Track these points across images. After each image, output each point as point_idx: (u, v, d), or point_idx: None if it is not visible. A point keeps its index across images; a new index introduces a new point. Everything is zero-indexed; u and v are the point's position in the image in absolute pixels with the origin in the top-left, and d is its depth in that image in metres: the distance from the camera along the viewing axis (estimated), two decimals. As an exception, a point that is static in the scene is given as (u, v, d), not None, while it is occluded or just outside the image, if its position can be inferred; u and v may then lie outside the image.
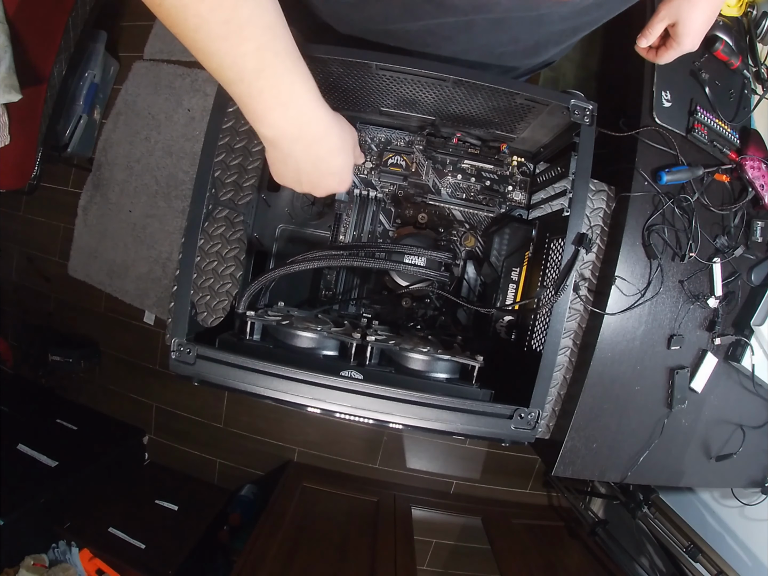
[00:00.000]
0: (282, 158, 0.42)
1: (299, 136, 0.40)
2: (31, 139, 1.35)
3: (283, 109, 0.37)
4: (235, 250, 0.68)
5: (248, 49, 0.33)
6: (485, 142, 0.69)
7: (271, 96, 0.36)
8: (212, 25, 0.32)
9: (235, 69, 0.34)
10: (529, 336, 0.57)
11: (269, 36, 0.34)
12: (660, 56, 0.56)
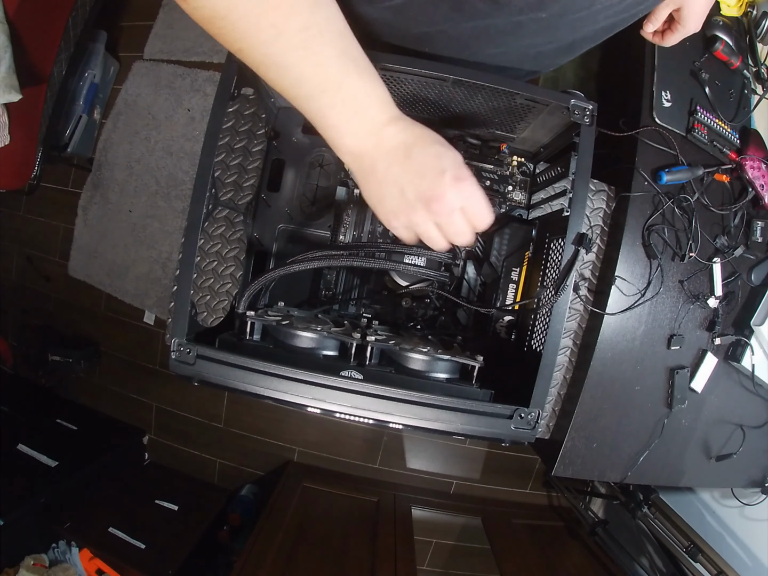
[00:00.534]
0: (372, 171, 0.37)
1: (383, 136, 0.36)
2: (31, 139, 1.35)
3: (365, 113, 0.35)
4: (235, 250, 0.68)
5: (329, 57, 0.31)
6: (485, 142, 0.69)
7: (356, 102, 0.34)
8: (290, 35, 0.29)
9: (315, 80, 0.32)
10: (529, 336, 0.57)
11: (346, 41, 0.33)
12: (666, 39, 0.57)
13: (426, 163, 0.36)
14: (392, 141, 0.36)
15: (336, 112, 0.34)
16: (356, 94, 0.34)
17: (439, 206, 0.37)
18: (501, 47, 0.50)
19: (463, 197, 0.37)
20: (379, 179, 0.37)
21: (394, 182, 0.37)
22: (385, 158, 0.36)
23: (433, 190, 0.36)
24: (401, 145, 0.36)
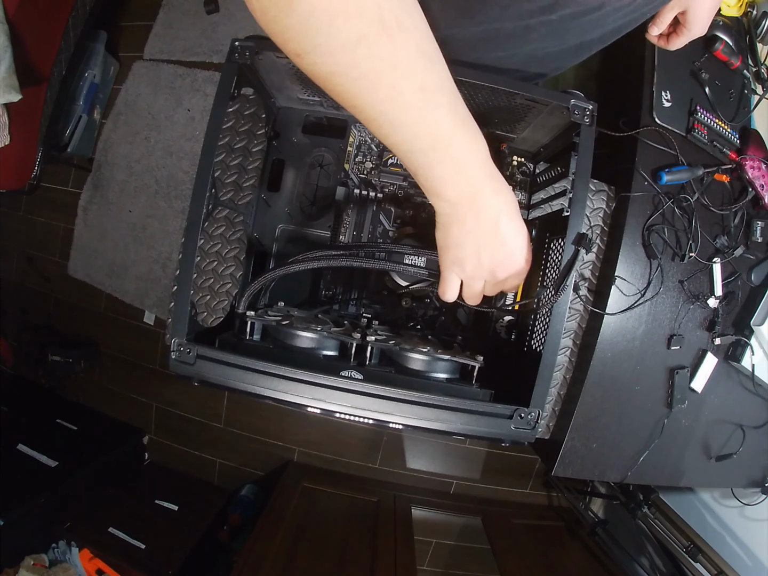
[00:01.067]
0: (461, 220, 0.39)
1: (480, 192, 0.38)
2: (31, 139, 1.35)
3: (469, 169, 0.37)
4: (235, 250, 0.68)
5: (442, 115, 0.32)
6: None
7: (463, 158, 0.36)
8: (408, 95, 0.30)
9: (428, 139, 0.33)
10: (529, 336, 0.57)
11: (456, 98, 0.33)
12: (671, 43, 0.57)
13: (508, 237, 0.40)
14: (487, 202, 0.38)
15: (443, 167, 0.36)
16: (464, 151, 0.35)
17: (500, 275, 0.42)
18: (509, 50, 0.50)
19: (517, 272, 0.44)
20: (465, 231, 0.40)
21: (476, 240, 0.40)
22: (477, 216, 0.39)
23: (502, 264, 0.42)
24: (494, 210, 0.39)
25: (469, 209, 0.39)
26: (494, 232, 0.40)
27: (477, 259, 0.41)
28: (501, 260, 0.41)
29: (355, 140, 0.70)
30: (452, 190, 0.37)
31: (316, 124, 0.72)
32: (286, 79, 0.59)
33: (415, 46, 0.29)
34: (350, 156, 0.70)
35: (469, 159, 0.36)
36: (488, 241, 0.40)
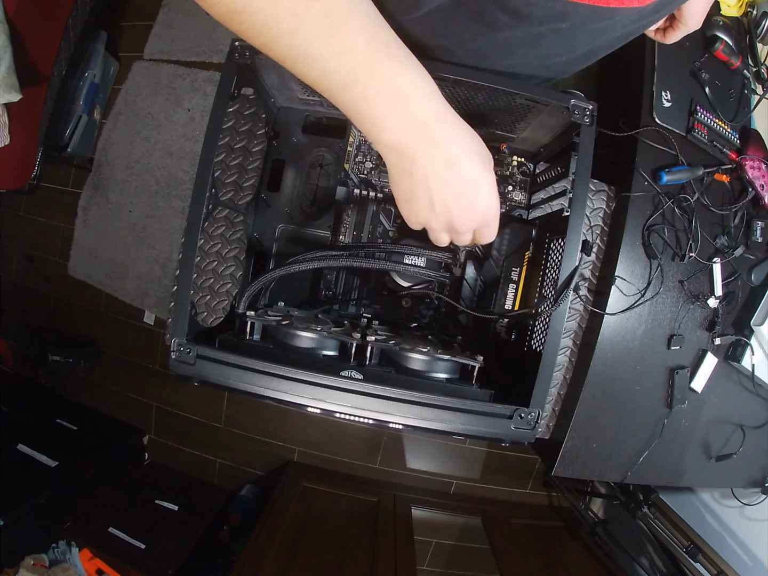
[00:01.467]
0: (408, 171, 0.35)
1: (425, 135, 0.33)
2: (31, 139, 1.35)
3: (404, 106, 0.32)
4: (235, 250, 0.68)
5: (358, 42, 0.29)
6: (485, 142, 0.69)
7: (391, 94, 0.31)
8: (312, 23, 0.27)
9: (344, 71, 0.30)
10: (529, 336, 0.57)
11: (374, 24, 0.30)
12: (668, 37, 0.58)
13: (464, 187, 0.35)
14: (436, 147, 0.34)
15: (370, 104, 0.31)
16: (391, 83, 0.31)
17: (459, 228, 0.38)
18: (518, 58, 0.49)
19: (483, 224, 0.39)
20: (415, 183, 0.36)
21: (427, 191, 0.36)
22: (425, 165, 0.34)
23: (461, 216, 0.37)
24: (444, 155, 0.34)
25: (415, 158, 0.34)
26: (446, 185, 0.35)
27: (432, 213, 0.37)
28: (459, 214, 0.37)
29: (355, 140, 0.70)
30: (389, 134, 0.33)
31: (316, 124, 0.72)
32: (286, 79, 0.59)
33: None
34: (350, 156, 0.70)
35: (402, 94, 0.31)
36: (440, 195, 0.35)
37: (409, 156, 0.34)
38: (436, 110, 0.33)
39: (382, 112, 0.32)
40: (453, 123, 0.34)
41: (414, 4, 0.41)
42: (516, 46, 0.47)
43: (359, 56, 0.29)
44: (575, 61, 0.52)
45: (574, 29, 0.43)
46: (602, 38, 0.47)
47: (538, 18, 0.41)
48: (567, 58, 0.50)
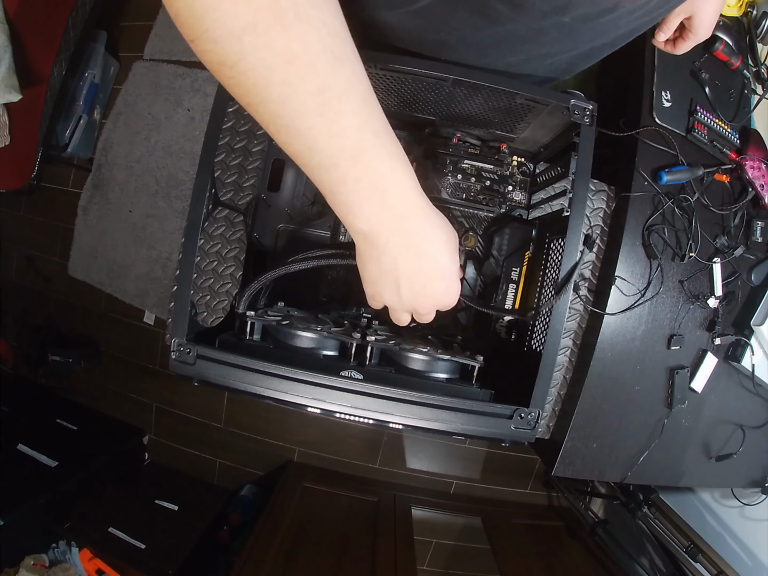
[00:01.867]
0: (377, 258, 0.35)
1: (398, 228, 0.33)
2: (31, 139, 1.35)
3: (381, 197, 0.31)
4: (235, 250, 0.68)
5: (345, 127, 0.28)
6: (485, 142, 0.69)
7: (371, 184, 0.30)
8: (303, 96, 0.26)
9: (328, 152, 0.29)
10: (529, 336, 0.57)
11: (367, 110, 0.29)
12: (677, 47, 0.58)
13: (433, 277, 0.36)
14: (406, 243, 0.34)
15: (348, 190, 0.31)
16: (372, 173, 0.30)
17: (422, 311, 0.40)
18: (520, 55, 0.49)
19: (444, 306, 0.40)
20: (383, 269, 0.36)
21: (395, 279, 0.36)
22: (394, 256, 0.34)
23: (425, 303, 0.38)
24: (415, 248, 0.34)
25: (386, 248, 0.34)
26: (413, 275, 0.36)
27: (397, 297, 0.38)
28: (423, 301, 0.38)
29: (355, 140, 0.70)
30: (363, 222, 0.32)
31: (316, 124, 0.72)
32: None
33: (317, 42, 0.26)
34: (350, 156, 0.70)
35: (381, 185, 0.31)
36: (408, 283, 0.36)
37: (379, 245, 0.34)
38: (413, 203, 0.33)
39: (359, 200, 0.31)
40: (427, 216, 0.35)
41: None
42: (518, 42, 0.46)
43: (346, 141, 0.28)
44: (578, 58, 0.52)
45: (577, 24, 0.43)
46: (606, 34, 0.47)
47: (540, 11, 0.41)
48: (570, 55, 0.50)
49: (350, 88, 0.28)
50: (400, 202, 0.32)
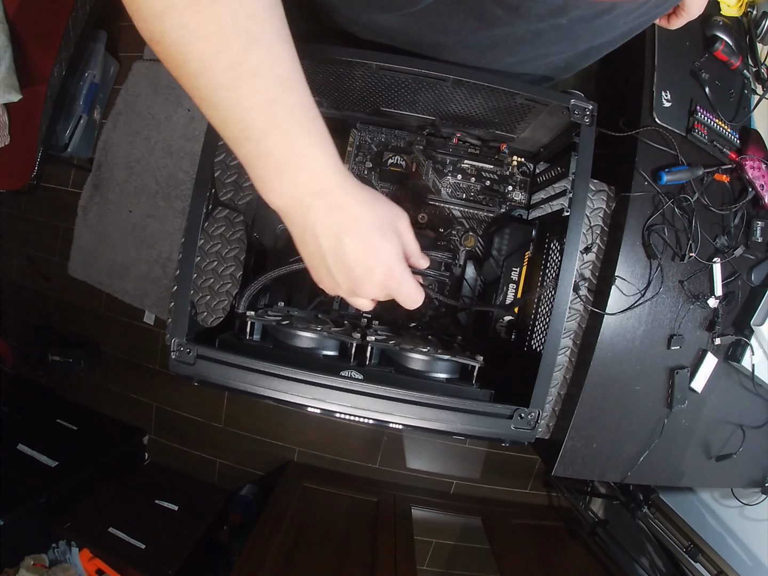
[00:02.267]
0: (301, 238, 0.35)
1: (314, 205, 0.33)
2: (31, 139, 1.34)
3: (294, 173, 0.32)
4: (235, 250, 0.68)
5: (256, 103, 0.29)
6: (485, 142, 0.69)
7: (282, 159, 0.31)
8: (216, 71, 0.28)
9: (240, 125, 0.30)
10: (529, 336, 0.57)
11: (282, 88, 0.30)
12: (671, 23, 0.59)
13: (357, 258, 0.34)
14: (322, 219, 0.33)
15: (261, 164, 0.31)
16: (283, 150, 0.31)
17: (364, 295, 0.38)
18: (519, 56, 0.49)
19: (390, 290, 0.38)
20: (309, 250, 0.35)
21: (322, 261, 0.35)
22: (314, 236, 0.34)
23: (360, 285, 0.36)
24: (332, 229, 0.33)
25: (305, 227, 0.34)
26: (338, 257, 0.34)
27: (333, 281, 0.37)
28: (358, 282, 0.36)
29: (355, 140, 0.70)
30: (276, 198, 0.33)
31: (316, 124, 0.72)
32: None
33: (232, 21, 0.27)
34: (350, 156, 0.70)
35: (291, 162, 0.31)
36: (335, 265, 0.35)
37: (298, 223, 0.34)
38: (329, 180, 0.33)
39: (271, 175, 0.32)
40: (348, 192, 0.34)
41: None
42: (516, 43, 0.46)
43: (257, 116, 0.29)
44: (576, 58, 0.52)
45: (575, 26, 0.43)
46: (605, 35, 0.47)
47: (537, 13, 0.41)
48: (568, 55, 0.50)
49: (264, 65, 0.29)
50: (314, 178, 0.32)
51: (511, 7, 0.40)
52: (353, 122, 0.70)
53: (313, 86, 0.60)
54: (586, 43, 0.48)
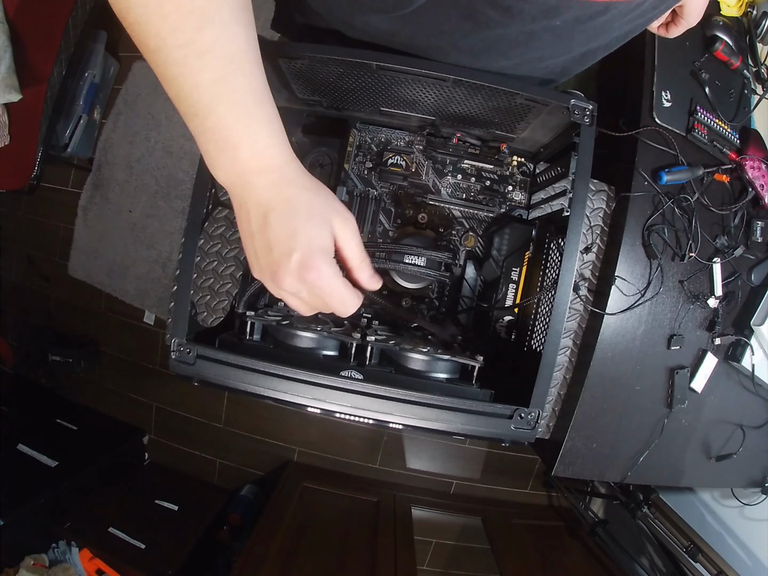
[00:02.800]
0: (238, 214, 0.36)
1: (250, 183, 0.34)
2: (31, 139, 1.35)
3: (233, 150, 0.33)
4: (235, 250, 0.68)
5: (204, 80, 0.31)
6: (485, 142, 0.69)
7: (223, 136, 0.32)
8: (170, 49, 0.30)
9: (189, 101, 0.31)
10: (529, 336, 0.57)
11: (232, 68, 0.31)
12: (670, 32, 0.59)
13: (278, 238, 0.34)
14: (256, 196, 0.34)
15: (206, 139, 0.33)
16: (225, 128, 0.32)
17: (280, 285, 0.35)
18: (513, 59, 0.49)
19: (306, 286, 0.35)
20: (242, 229, 0.36)
21: (251, 241, 0.35)
22: (246, 213, 0.35)
23: (277, 272, 0.34)
24: (262, 207, 0.34)
25: (240, 204, 0.35)
26: (261, 235, 0.34)
27: (258, 266, 0.36)
28: (275, 267, 0.34)
29: (355, 140, 0.70)
30: (219, 172, 0.34)
31: (316, 124, 0.72)
32: (286, 79, 0.59)
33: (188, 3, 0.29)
34: (350, 156, 0.70)
35: (233, 140, 0.32)
36: (258, 246, 0.35)
37: (236, 201, 0.35)
38: (268, 161, 0.34)
39: (214, 151, 0.33)
40: (285, 176, 0.34)
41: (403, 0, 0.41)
42: (509, 46, 0.46)
43: (204, 93, 0.31)
44: (572, 62, 0.52)
45: (569, 28, 0.43)
46: (599, 38, 0.47)
47: (530, 14, 0.40)
48: (563, 59, 0.50)
49: (216, 46, 0.30)
50: (253, 158, 0.33)
51: (503, 8, 0.40)
52: (353, 122, 0.70)
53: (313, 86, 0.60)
54: (582, 46, 0.48)
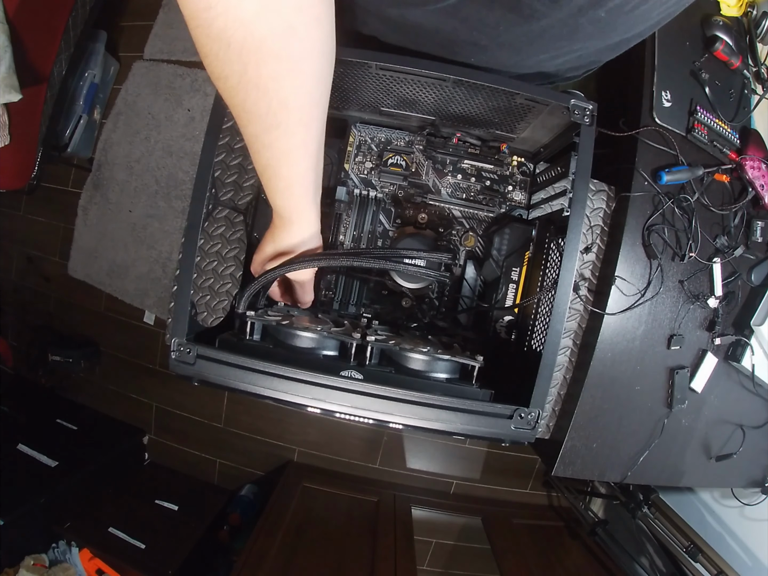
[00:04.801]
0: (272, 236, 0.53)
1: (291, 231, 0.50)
2: (31, 139, 1.35)
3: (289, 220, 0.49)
4: (235, 250, 0.68)
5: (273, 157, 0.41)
6: (485, 142, 0.69)
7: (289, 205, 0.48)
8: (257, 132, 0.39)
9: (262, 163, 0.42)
10: (529, 336, 0.57)
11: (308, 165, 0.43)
12: None
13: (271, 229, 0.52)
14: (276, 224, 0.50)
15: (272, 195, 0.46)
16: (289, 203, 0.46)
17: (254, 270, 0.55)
18: (552, 52, 0.48)
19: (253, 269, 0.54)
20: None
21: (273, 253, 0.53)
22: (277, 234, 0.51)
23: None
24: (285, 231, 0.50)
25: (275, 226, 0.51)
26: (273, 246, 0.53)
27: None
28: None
29: (355, 140, 0.70)
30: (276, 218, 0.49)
31: (316, 124, 0.72)
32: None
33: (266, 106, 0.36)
34: (350, 156, 0.70)
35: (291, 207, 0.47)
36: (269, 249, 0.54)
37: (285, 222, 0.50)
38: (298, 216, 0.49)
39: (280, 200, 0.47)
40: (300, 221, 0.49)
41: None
42: (552, 38, 0.45)
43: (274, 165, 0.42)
44: (606, 50, 0.51)
45: (612, 18, 0.42)
46: (638, 27, 0.46)
47: (576, 5, 0.40)
48: (597, 48, 0.49)
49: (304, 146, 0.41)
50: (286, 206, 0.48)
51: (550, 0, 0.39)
52: (353, 122, 0.70)
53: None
54: (619, 36, 0.47)
